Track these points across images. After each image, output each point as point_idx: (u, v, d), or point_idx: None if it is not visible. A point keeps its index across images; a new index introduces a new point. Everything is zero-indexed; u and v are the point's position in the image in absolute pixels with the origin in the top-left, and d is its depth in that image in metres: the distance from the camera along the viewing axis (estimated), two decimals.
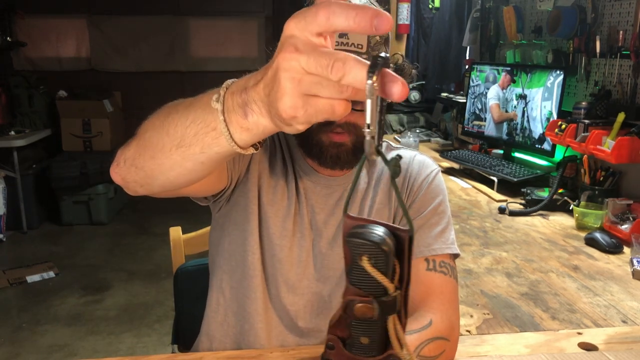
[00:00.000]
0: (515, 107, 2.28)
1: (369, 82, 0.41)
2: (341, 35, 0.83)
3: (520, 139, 2.25)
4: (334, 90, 0.44)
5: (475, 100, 2.56)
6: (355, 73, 0.42)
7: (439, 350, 0.85)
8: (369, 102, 0.41)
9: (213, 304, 1.06)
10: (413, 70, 1.00)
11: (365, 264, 0.42)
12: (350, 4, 0.43)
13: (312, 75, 0.44)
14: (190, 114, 0.60)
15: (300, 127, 0.48)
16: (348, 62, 0.42)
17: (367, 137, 0.42)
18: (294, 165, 1.03)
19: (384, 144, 1.11)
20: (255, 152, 0.59)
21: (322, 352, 0.51)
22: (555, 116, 2.02)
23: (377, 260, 0.43)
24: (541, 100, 2.09)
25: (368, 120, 0.41)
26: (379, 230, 0.43)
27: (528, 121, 2.20)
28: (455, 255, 0.99)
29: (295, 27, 0.45)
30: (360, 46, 0.84)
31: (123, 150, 0.72)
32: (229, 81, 0.56)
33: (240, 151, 0.56)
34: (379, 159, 0.44)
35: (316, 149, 0.94)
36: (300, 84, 0.44)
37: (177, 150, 0.62)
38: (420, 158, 1.07)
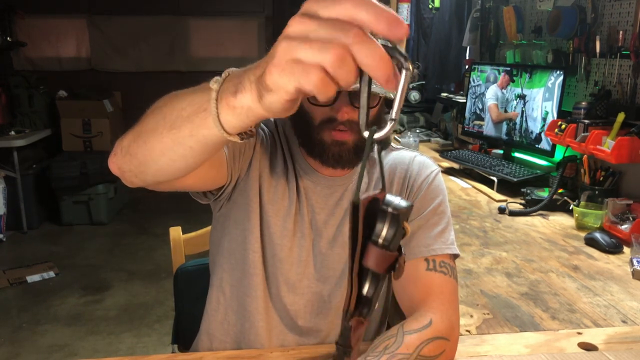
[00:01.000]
0: (515, 107, 2.28)
1: (409, 67, 0.43)
2: None
3: (518, 139, 2.26)
4: (325, 56, 0.42)
5: (477, 100, 2.56)
6: (375, 51, 0.41)
7: (439, 350, 0.85)
8: (401, 86, 0.43)
9: (213, 302, 1.07)
10: (415, 70, 1.00)
11: (407, 225, 0.46)
12: (376, 2, 0.42)
13: (312, 41, 0.42)
14: (188, 97, 0.60)
15: (278, 97, 0.46)
16: (367, 40, 0.41)
17: (392, 122, 0.44)
18: (295, 165, 1.03)
19: None
20: (240, 141, 0.58)
21: (337, 339, 0.51)
22: (553, 116, 2.03)
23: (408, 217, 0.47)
24: (542, 101, 2.09)
25: (398, 101, 0.44)
26: (394, 196, 0.46)
27: (526, 121, 2.20)
28: (455, 256, 0.99)
29: (316, 4, 0.43)
30: None
31: (121, 139, 0.72)
32: (234, 68, 0.56)
33: (226, 136, 0.56)
34: (376, 160, 0.44)
35: (318, 148, 0.95)
36: (295, 47, 0.43)
37: (169, 133, 0.62)
38: (420, 159, 1.08)
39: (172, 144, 0.63)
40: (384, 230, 0.45)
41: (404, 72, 0.42)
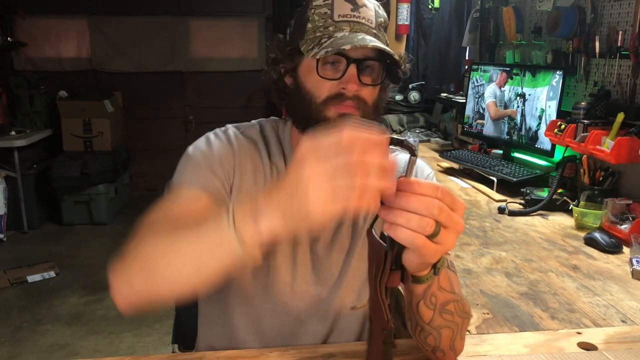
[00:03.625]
0: (517, 106, 2.28)
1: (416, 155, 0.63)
2: (354, 9, 0.87)
3: (516, 138, 2.26)
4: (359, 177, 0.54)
5: (479, 99, 2.56)
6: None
7: (462, 318, 0.84)
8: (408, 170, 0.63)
9: (212, 305, 1.07)
10: (407, 65, 0.98)
11: None
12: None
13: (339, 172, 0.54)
14: (202, 235, 0.67)
15: (323, 219, 0.56)
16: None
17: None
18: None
19: None
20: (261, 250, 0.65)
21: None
22: (548, 114, 2.03)
23: None
24: (546, 100, 2.09)
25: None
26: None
27: (524, 120, 2.21)
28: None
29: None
30: (370, 21, 0.88)
31: (124, 279, 0.76)
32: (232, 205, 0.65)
33: (250, 258, 0.64)
34: None
35: (322, 125, 0.90)
36: (328, 178, 0.54)
37: (193, 268, 0.68)
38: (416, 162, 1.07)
39: (197, 276, 0.68)
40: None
41: (412, 159, 0.61)
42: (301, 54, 0.90)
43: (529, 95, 2.19)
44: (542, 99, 2.12)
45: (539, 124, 2.12)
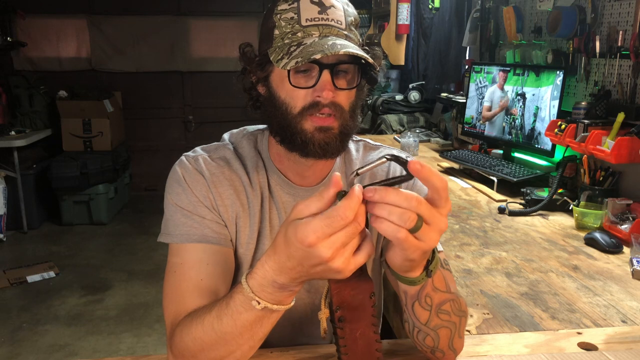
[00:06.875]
0: (518, 105, 2.28)
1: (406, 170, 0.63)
2: (321, 12, 0.85)
3: (514, 137, 2.26)
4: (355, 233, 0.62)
5: (482, 100, 2.55)
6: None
7: (459, 317, 0.83)
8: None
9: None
10: (382, 61, 0.97)
11: None
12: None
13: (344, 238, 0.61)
14: (237, 320, 0.72)
15: (345, 275, 0.65)
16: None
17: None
18: (270, 182, 0.98)
19: (361, 143, 1.07)
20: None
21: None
22: (552, 113, 2.03)
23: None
24: (550, 99, 2.09)
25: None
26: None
27: (523, 120, 2.20)
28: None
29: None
30: (339, 22, 0.86)
31: None
32: (245, 287, 0.71)
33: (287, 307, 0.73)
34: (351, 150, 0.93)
35: (301, 137, 0.87)
36: (336, 251, 0.61)
37: (244, 348, 0.76)
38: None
39: (251, 349, 0.78)
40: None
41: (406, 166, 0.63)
42: (271, 63, 0.86)
43: (533, 95, 2.19)
44: (546, 98, 2.11)
45: (534, 120, 2.13)
